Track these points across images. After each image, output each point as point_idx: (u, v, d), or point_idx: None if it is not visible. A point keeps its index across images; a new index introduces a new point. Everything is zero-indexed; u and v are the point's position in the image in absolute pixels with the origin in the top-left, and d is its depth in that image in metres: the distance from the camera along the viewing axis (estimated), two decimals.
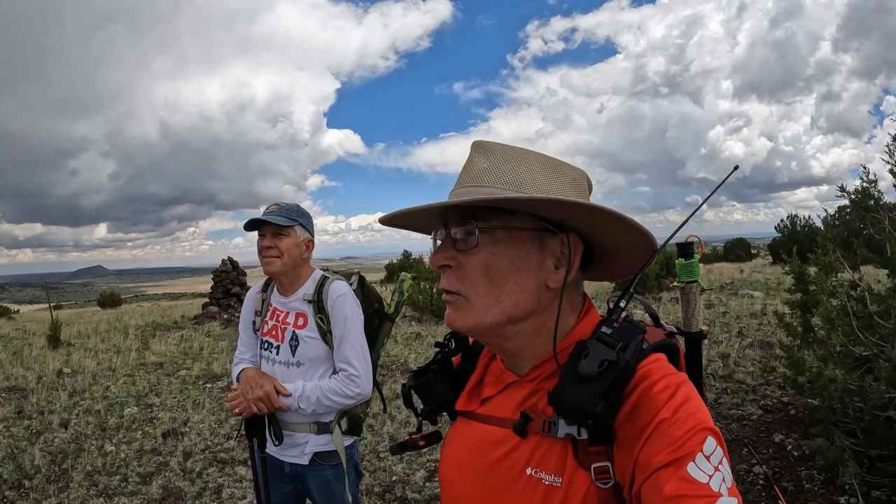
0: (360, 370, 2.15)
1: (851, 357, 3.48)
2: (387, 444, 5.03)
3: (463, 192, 0.87)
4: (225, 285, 15.36)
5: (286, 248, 2.19)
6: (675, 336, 1.03)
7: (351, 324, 2.17)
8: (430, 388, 1.03)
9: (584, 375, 0.77)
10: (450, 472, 0.98)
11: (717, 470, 0.70)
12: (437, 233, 0.94)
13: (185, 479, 4.53)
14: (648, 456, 0.73)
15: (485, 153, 0.90)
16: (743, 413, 4.96)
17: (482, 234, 0.85)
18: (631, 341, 0.80)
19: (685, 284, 1.21)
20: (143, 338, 12.04)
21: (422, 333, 10.18)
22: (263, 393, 2.13)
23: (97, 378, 8.23)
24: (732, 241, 32.65)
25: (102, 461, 4.95)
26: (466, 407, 1.00)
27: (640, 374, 0.80)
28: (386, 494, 4.10)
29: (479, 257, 0.86)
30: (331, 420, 2.21)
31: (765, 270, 18.05)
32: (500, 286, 0.86)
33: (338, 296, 2.19)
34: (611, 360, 0.77)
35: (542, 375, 0.89)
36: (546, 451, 0.83)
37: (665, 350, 0.91)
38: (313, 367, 2.21)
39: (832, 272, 3.83)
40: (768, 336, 7.68)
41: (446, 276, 0.88)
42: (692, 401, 0.76)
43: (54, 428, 5.95)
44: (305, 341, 2.20)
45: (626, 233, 0.87)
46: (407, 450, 1.07)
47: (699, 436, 0.72)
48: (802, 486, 3.60)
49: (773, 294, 11.72)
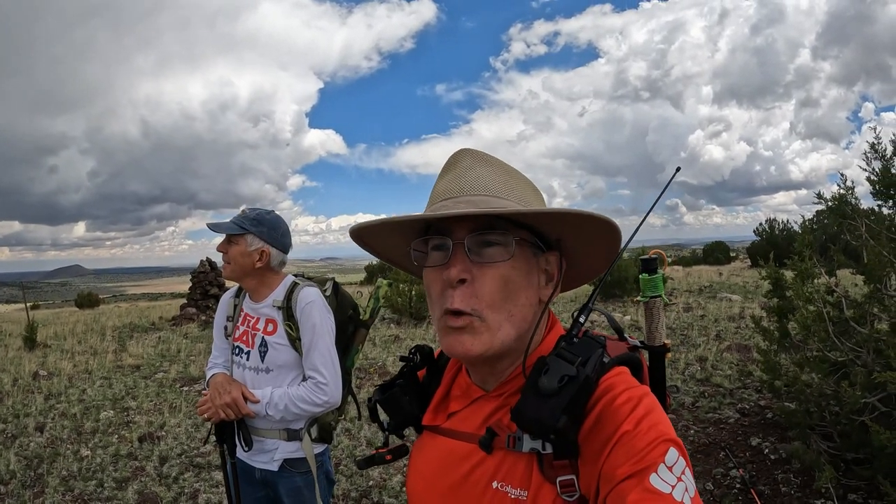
0: (328, 378, 2.14)
1: (828, 362, 3.53)
2: (364, 449, 5.01)
3: (479, 201, 0.85)
4: (203, 286, 15.21)
5: (233, 256, 2.20)
6: (639, 350, 1.05)
7: (319, 331, 2.15)
8: (396, 402, 1.03)
9: (544, 391, 0.78)
10: (417, 486, 0.98)
11: (679, 480, 0.71)
12: (428, 244, 0.89)
13: (162, 485, 4.47)
14: (612, 468, 0.73)
15: (485, 162, 0.91)
16: (720, 416, 5.01)
17: (501, 247, 0.84)
18: (591, 356, 0.81)
19: (649, 299, 1.23)
20: (121, 339, 11.88)
21: (400, 336, 10.14)
22: (231, 399, 2.13)
23: (73, 381, 8.11)
24: (711, 245, 32.95)
25: (78, 466, 4.89)
26: (433, 422, 1.00)
27: (602, 388, 0.81)
28: (363, 500, 4.09)
29: (499, 270, 0.84)
30: (301, 427, 2.20)
31: (743, 274, 18.25)
32: (514, 301, 0.85)
33: (306, 303, 2.17)
34: (570, 376, 0.78)
35: (509, 391, 0.90)
36: (511, 466, 0.84)
37: (628, 363, 0.91)
38: (282, 374, 2.20)
39: (809, 278, 3.88)
40: (746, 339, 7.76)
41: (460, 294, 0.83)
42: (654, 413, 0.77)
43: (30, 432, 5.86)
44: (275, 347, 2.19)
45: (603, 248, 0.90)
46: (374, 464, 1.08)
47: (661, 447, 0.72)
48: (779, 489, 3.65)
49: (751, 297, 11.84)
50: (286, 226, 2.31)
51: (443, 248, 0.86)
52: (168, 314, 15.88)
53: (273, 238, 2.23)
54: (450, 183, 0.90)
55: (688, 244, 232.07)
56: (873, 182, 3.66)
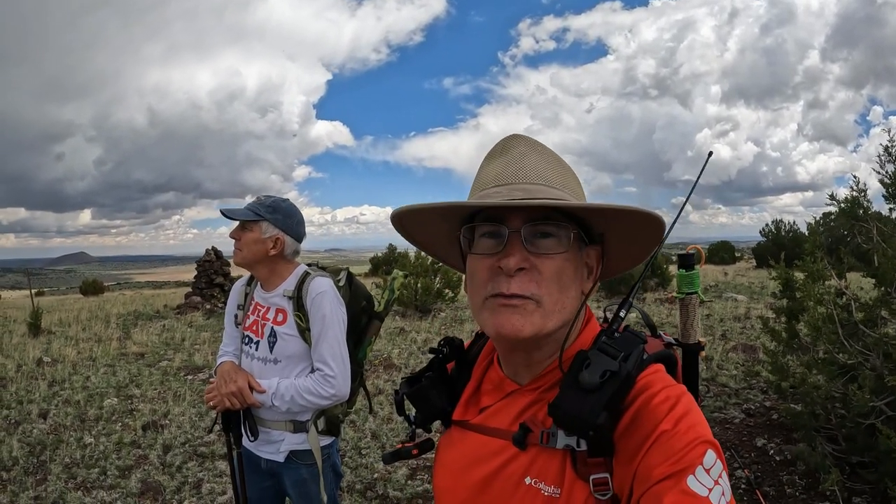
0: (336, 371, 2.12)
1: (836, 364, 3.51)
2: (369, 441, 5.01)
3: (535, 189, 0.84)
4: (208, 275, 15.26)
5: (246, 243, 2.18)
6: (673, 347, 1.03)
7: (329, 322, 2.13)
8: (425, 395, 1.01)
9: (586, 386, 0.76)
10: (445, 481, 0.97)
11: (716, 483, 0.69)
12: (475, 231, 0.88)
13: (165, 473, 4.48)
14: (648, 468, 0.72)
15: (537, 151, 0.90)
16: (726, 416, 4.99)
17: (556, 239, 0.83)
18: (632, 351, 0.79)
19: (685, 296, 1.21)
20: (125, 327, 11.94)
21: (406, 328, 10.13)
22: (236, 388, 2.12)
23: (77, 368, 8.14)
24: (717, 244, 32.87)
25: (81, 453, 4.90)
26: (463, 416, 0.98)
27: (640, 385, 0.79)
28: (367, 492, 4.08)
29: (555, 262, 0.83)
30: (307, 419, 2.18)
31: (748, 274, 18.20)
32: (566, 292, 0.84)
33: (317, 293, 2.14)
34: (613, 371, 0.76)
35: (545, 385, 0.89)
36: (545, 462, 0.82)
37: (664, 361, 0.90)
38: (290, 365, 2.18)
39: (820, 279, 3.85)
40: (751, 340, 7.74)
41: (519, 280, 0.82)
42: (693, 413, 0.76)
43: (33, 418, 5.88)
44: (283, 338, 2.18)
45: (641, 244, 0.91)
46: (400, 458, 1.05)
47: (699, 448, 0.71)
48: (784, 490, 3.63)
49: (756, 298, 11.82)
50: (301, 215, 2.29)
51: (496, 237, 0.84)
52: (173, 302, 15.96)
53: (288, 226, 2.20)
54: (503, 168, 0.88)
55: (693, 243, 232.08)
56: (887, 185, 3.64)
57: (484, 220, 0.85)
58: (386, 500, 3.98)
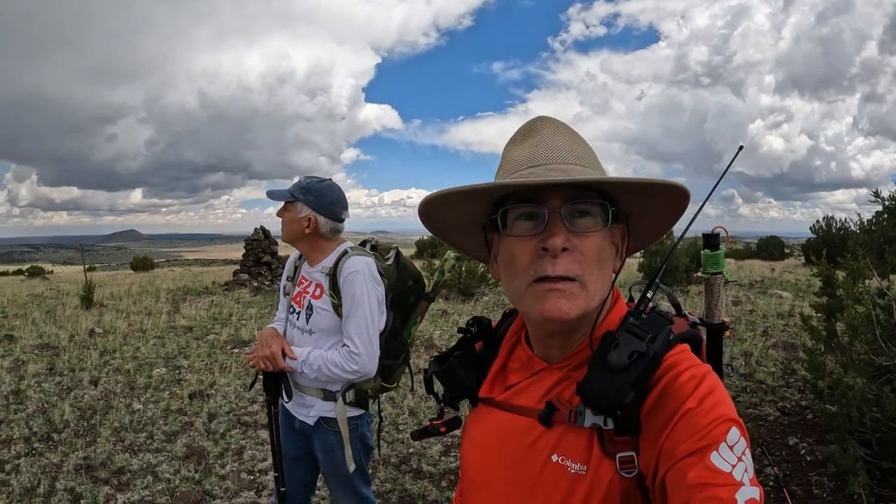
0: (361, 348, 2.20)
1: (872, 366, 3.45)
2: (406, 417, 5.15)
3: (570, 169, 0.84)
4: (256, 254, 15.58)
5: (286, 222, 2.35)
6: (698, 326, 1.03)
7: (358, 301, 2.21)
8: (453, 374, 1.03)
9: (614, 366, 0.78)
10: (473, 458, 0.99)
11: (740, 460, 0.71)
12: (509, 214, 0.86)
13: (209, 440, 4.71)
14: (673, 445, 0.73)
15: (567, 132, 0.90)
16: (760, 413, 4.95)
17: (593, 218, 0.84)
18: (660, 332, 0.81)
19: (710, 276, 1.21)
20: (174, 302, 12.33)
21: (448, 311, 10.25)
22: (270, 353, 2.27)
23: (128, 339, 8.50)
24: (766, 239, 31.91)
25: (130, 418, 5.17)
26: (490, 394, 0.99)
27: (665, 365, 0.81)
28: (402, 465, 4.22)
29: (594, 241, 0.83)
30: (337, 390, 2.30)
31: (796, 271, 17.72)
32: (605, 271, 0.86)
33: (350, 272, 2.23)
34: (640, 352, 0.79)
35: (573, 364, 0.90)
36: (572, 440, 0.84)
37: (689, 341, 0.91)
38: (324, 337, 2.30)
39: (860, 278, 3.78)
40: (793, 338, 7.59)
41: (564, 260, 0.81)
42: (717, 391, 0.76)
43: (84, 385, 6.19)
44: (318, 312, 2.30)
45: (663, 221, 0.92)
46: (428, 435, 1.08)
47: (724, 426, 0.72)
48: (812, 491, 3.61)
49: (802, 296, 11.53)
50: (338, 194, 2.36)
51: (535, 218, 0.83)
52: (221, 279, 16.36)
53: (320, 206, 2.31)
54: (533, 149, 0.87)
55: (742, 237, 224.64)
56: None
57: (520, 202, 0.85)
58: (420, 473, 4.11)
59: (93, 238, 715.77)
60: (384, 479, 4.00)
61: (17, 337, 8.47)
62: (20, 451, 4.46)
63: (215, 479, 3.99)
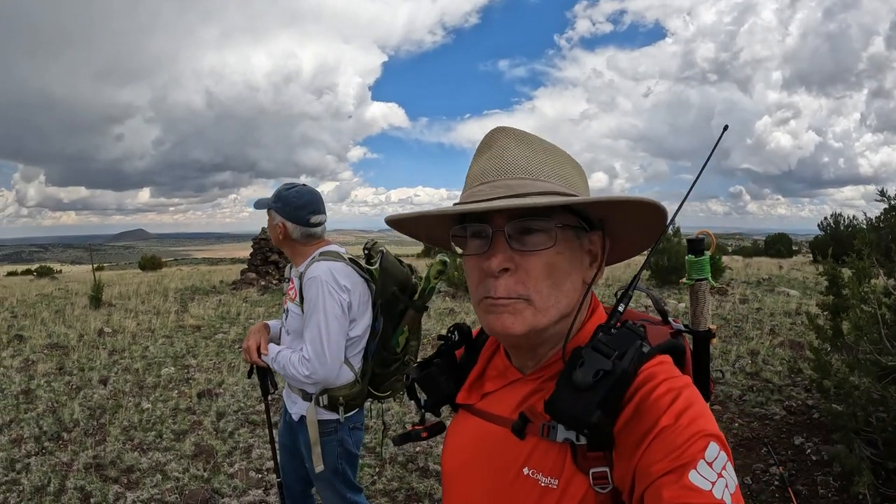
0: (311, 354, 2.19)
1: (878, 366, 3.45)
2: (413, 416, 5.16)
3: (516, 185, 0.82)
4: (263, 253, 15.64)
5: (269, 229, 2.44)
6: (683, 335, 1.00)
7: (313, 307, 2.20)
8: (433, 381, 1.03)
9: (579, 385, 0.75)
10: (451, 464, 0.99)
11: (720, 476, 0.69)
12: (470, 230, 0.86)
13: (218, 438, 4.75)
14: (649, 463, 0.71)
15: (522, 141, 0.87)
16: (766, 412, 4.95)
17: (544, 234, 0.81)
18: (628, 348, 0.78)
19: (695, 282, 1.20)
20: (182, 301, 12.39)
21: (455, 309, 10.25)
22: (247, 346, 2.39)
23: (136, 338, 8.55)
24: (774, 236, 31.74)
25: (139, 417, 5.21)
26: (467, 400, 1.00)
27: (642, 378, 0.79)
28: (409, 464, 4.24)
29: (543, 258, 0.81)
30: (313, 392, 2.32)
31: (804, 269, 17.64)
32: (560, 286, 0.84)
33: (308, 278, 2.24)
34: (606, 370, 0.76)
35: (546, 376, 0.89)
36: (544, 453, 0.83)
37: (670, 351, 0.88)
38: (297, 339, 2.34)
39: (866, 277, 3.77)
40: (800, 336, 7.57)
41: (504, 282, 0.82)
42: (695, 406, 0.74)
43: (94, 384, 6.25)
44: (291, 314, 2.36)
45: (647, 226, 0.88)
46: (410, 440, 1.08)
47: (701, 442, 0.70)
48: (817, 491, 3.61)
49: (809, 294, 11.48)
50: (305, 199, 2.35)
51: (482, 236, 0.84)
52: (229, 278, 16.43)
53: (286, 212, 2.34)
54: (486, 164, 0.86)
55: (749, 234, 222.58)
56: None
57: (472, 220, 0.85)
58: (426, 472, 4.13)
59: (101, 237, 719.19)
60: (391, 478, 4.03)
61: (26, 337, 8.54)
62: (30, 450, 4.52)
63: (224, 478, 4.03)
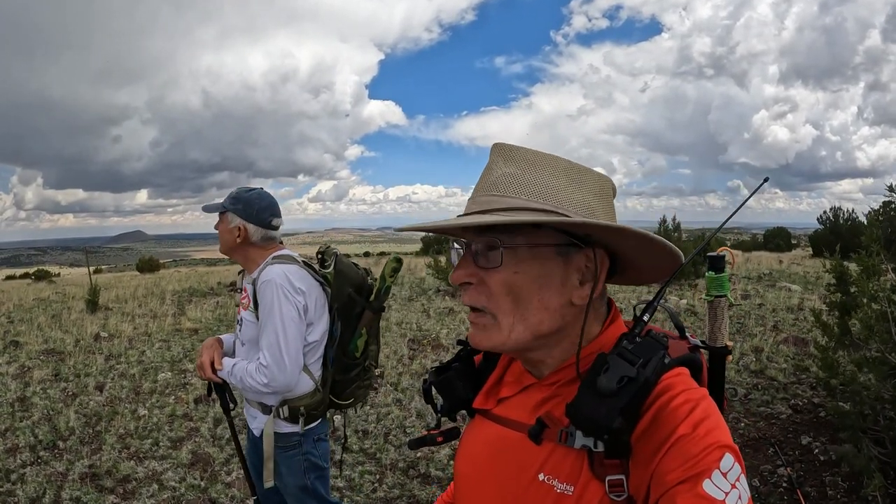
0: (269, 360, 2.12)
1: (887, 365, 3.39)
2: (414, 420, 5.11)
3: (485, 202, 0.85)
4: None
5: (220, 233, 2.33)
6: (700, 350, 1.01)
7: (268, 312, 2.13)
8: (450, 385, 1.04)
9: (603, 391, 0.77)
10: (464, 468, 1.00)
11: (734, 487, 0.70)
12: (454, 244, 0.93)
13: (215, 446, 4.68)
14: (664, 472, 0.73)
15: (507, 157, 0.88)
16: (772, 411, 4.89)
17: (505, 251, 0.83)
18: (652, 357, 0.79)
19: (714, 298, 1.20)
20: (180, 303, 12.31)
21: (455, 309, 10.18)
22: (199, 362, 2.29)
23: (133, 343, 8.48)
24: (772, 230, 31.78)
25: (135, 425, 5.14)
26: (483, 405, 1.01)
27: (660, 388, 0.79)
28: (410, 470, 4.18)
29: (501, 275, 0.84)
30: (272, 404, 2.25)
31: (804, 263, 17.59)
32: (526, 305, 0.85)
33: (262, 282, 2.17)
34: (630, 377, 0.77)
35: (561, 381, 0.89)
36: (560, 459, 0.83)
37: (688, 364, 0.89)
38: (253, 349, 2.25)
39: (875, 275, 3.71)
40: (804, 332, 7.50)
41: (469, 293, 0.87)
42: (712, 418, 0.76)
43: (90, 391, 6.18)
44: (246, 323, 2.28)
45: (653, 249, 0.87)
46: (425, 445, 1.08)
47: (717, 452, 0.72)
48: (826, 492, 3.55)
49: (811, 288, 11.42)
50: (267, 201, 2.31)
51: (458, 250, 0.91)
52: (226, 279, 16.38)
53: (248, 214, 2.27)
54: (479, 180, 0.91)
55: (748, 228, 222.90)
56: None
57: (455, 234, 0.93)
58: (427, 478, 4.06)
59: (99, 239, 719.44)
60: (392, 485, 3.96)
61: (22, 343, 8.45)
62: (26, 459, 4.44)
63: (221, 487, 3.96)
